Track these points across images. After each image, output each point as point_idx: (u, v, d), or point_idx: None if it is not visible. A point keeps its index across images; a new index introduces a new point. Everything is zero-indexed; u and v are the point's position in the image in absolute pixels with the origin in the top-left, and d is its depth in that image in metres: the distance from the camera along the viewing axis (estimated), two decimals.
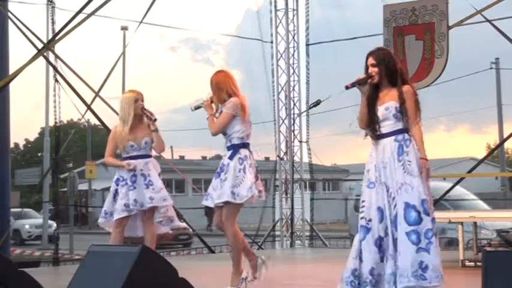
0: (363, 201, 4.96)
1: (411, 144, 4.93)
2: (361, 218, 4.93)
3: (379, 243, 4.84)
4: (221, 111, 5.91)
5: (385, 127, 4.97)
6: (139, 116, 6.48)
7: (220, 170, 5.90)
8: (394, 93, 4.96)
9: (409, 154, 4.89)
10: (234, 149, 5.86)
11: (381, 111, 4.96)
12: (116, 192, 6.47)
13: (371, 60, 5.02)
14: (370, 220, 4.89)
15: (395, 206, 4.83)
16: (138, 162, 6.42)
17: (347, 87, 5.00)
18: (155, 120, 6.44)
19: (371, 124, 4.99)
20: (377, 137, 4.98)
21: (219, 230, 6.14)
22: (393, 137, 4.95)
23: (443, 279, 4.78)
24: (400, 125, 4.96)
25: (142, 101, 6.49)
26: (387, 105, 4.96)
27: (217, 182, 5.90)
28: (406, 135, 4.95)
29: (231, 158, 5.84)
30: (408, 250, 4.71)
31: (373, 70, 4.99)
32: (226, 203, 5.80)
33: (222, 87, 5.91)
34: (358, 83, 5.00)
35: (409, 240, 4.72)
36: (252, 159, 5.93)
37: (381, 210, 4.87)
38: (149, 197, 6.37)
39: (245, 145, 5.92)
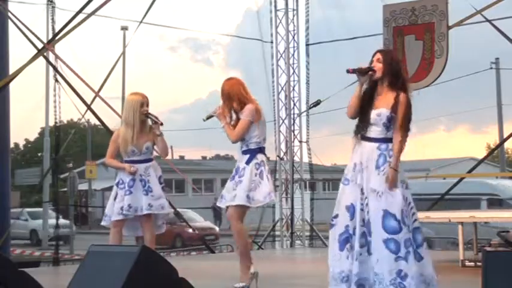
0: (338, 197, 4.99)
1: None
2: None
3: (344, 239, 4.82)
4: (236, 119, 5.98)
5: (373, 132, 4.93)
6: (142, 120, 6.46)
7: (235, 173, 5.99)
8: (389, 99, 4.92)
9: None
10: (251, 153, 5.95)
11: (372, 115, 4.93)
12: (116, 195, 6.48)
13: (378, 56, 5.01)
14: (336, 216, 4.91)
15: (368, 211, 4.80)
16: (139, 167, 6.41)
17: (348, 71, 4.99)
18: (161, 124, 6.43)
19: (361, 123, 4.98)
20: (362, 137, 4.96)
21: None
22: (377, 145, 4.90)
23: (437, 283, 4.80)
24: (387, 134, 4.92)
25: (148, 105, 6.44)
26: (379, 112, 4.91)
27: (231, 184, 5.98)
28: (390, 145, 4.90)
29: (248, 162, 5.92)
30: (386, 258, 4.69)
31: (377, 66, 4.98)
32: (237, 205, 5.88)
33: (232, 96, 5.99)
34: (359, 71, 4.97)
35: (387, 248, 4.69)
36: (267, 164, 6.05)
37: (352, 208, 4.85)
38: (148, 203, 6.37)
39: (261, 150, 6.04)
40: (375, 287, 4.70)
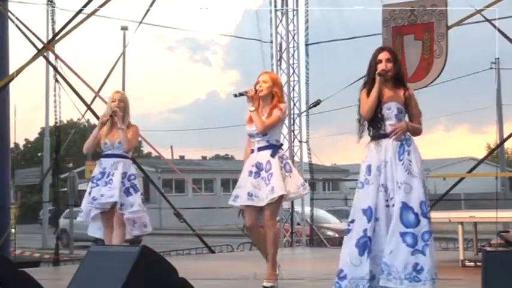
0: (353, 202, 4.98)
1: (412, 143, 4.94)
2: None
3: (363, 243, 4.77)
4: (260, 106, 6.09)
5: (388, 127, 4.95)
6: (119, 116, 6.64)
7: (257, 169, 5.95)
8: (397, 94, 4.97)
9: (410, 153, 4.88)
10: (274, 148, 6.03)
11: (384, 110, 4.96)
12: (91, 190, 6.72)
13: (387, 55, 5.00)
14: (352, 221, 4.87)
15: (393, 205, 4.78)
16: (107, 161, 6.59)
17: (380, 74, 4.93)
18: (109, 117, 6.62)
19: (374, 123, 4.97)
20: (379, 136, 4.96)
21: (249, 234, 6.20)
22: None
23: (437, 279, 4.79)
24: None
25: (121, 101, 6.62)
26: (389, 105, 4.96)
27: (258, 180, 5.93)
28: (407, 134, 4.95)
29: (273, 155, 5.97)
30: (401, 251, 4.67)
31: (389, 65, 4.98)
32: (279, 198, 5.90)
33: (279, 86, 6.22)
34: (384, 75, 4.95)
35: (404, 242, 4.68)
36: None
37: (369, 211, 4.80)
38: (101, 194, 6.49)
39: (281, 146, 6.17)
40: (381, 276, 4.67)
